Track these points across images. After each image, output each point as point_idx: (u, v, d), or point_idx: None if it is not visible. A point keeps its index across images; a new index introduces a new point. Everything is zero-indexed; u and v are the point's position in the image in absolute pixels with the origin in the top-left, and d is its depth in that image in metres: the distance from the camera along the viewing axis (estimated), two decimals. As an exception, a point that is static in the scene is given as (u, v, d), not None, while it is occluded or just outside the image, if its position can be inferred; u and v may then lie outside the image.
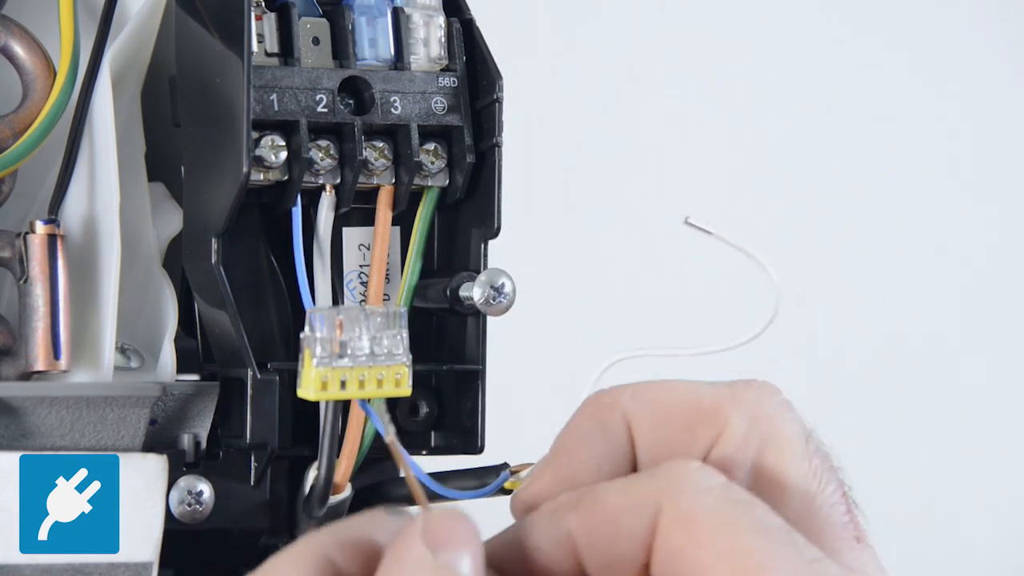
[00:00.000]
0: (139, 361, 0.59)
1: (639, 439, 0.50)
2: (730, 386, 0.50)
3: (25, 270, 0.57)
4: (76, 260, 0.58)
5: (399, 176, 0.57)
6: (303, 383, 0.49)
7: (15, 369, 0.57)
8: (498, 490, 0.54)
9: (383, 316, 0.49)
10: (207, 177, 0.56)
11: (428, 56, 0.57)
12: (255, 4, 0.55)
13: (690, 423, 0.50)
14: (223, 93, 0.55)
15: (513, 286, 0.56)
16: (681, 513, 0.45)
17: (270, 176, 0.55)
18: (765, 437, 0.49)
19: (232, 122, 0.54)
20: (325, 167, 0.56)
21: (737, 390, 0.50)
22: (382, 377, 0.49)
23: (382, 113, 0.56)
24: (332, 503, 0.54)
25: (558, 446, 0.51)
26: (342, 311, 0.49)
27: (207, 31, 0.56)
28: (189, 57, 0.58)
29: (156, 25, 0.60)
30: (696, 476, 0.46)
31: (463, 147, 0.57)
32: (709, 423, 0.50)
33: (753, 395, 0.50)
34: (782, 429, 0.49)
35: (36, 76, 0.59)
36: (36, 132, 0.57)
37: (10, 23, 0.59)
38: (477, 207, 0.58)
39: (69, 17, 0.58)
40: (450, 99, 0.57)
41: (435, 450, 0.58)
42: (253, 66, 0.54)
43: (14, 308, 0.58)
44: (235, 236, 0.56)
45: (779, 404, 0.50)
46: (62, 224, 0.58)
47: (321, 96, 0.56)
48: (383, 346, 0.49)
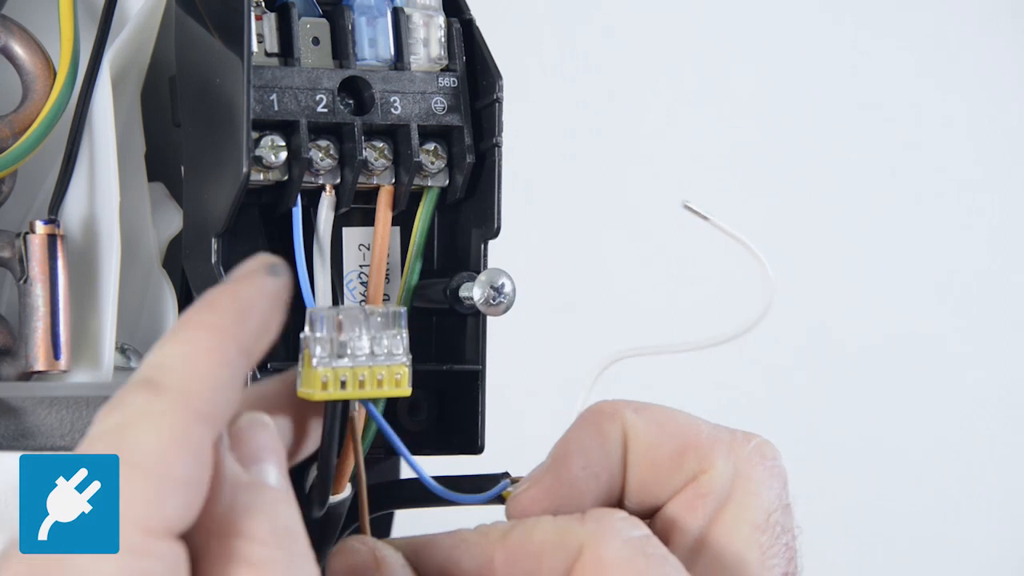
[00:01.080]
0: (139, 361, 0.59)
1: (631, 455, 0.51)
2: (731, 432, 0.52)
3: (25, 270, 0.57)
4: (76, 260, 0.58)
5: (399, 176, 0.57)
6: (303, 383, 0.49)
7: (15, 369, 0.57)
8: (495, 498, 0.54)
9: (383, 316, 0.50)
10: (207, 177, 0.56)
11: (428, 56, 0.57)
12: (255, 4, 0.55)
13: (682, 452, 0.52)
14: (223, 93, 0.55)
15: (513, 286, 0.56)
16: (599, 559, 0.47)
17: (270, 176, 0.55)
18: (735, 496, 0.51)
19: (232, 122, 0.54)
20: (325, 167, 0.56)
21: (736, 439, 0.52)
22: (382, 377, 0.49)
23: (382, 113, 0.56)
24: (332, 503, 0.54)
25: (557, 452, 0.52)
26: (342, 311, 0.49)
27: (207, 31, 0.56)
28: (189, 57, 0.58)
29: (156, 25, 0.60)
30: (620, 526, 0.48)
31: (463, 147, 0.57)
32: (698, 459, 0.52)
33: (747, 450, 0.52)
34: (754, 494, 0.51)
35: (36, 76, 0.59)
36: (36, 132, 0.57)
37: (10, 23, 0.59)
38: (477, 207, 0.58)
39: (69, 17, 0.58)
40: (450, 99, 0.57)
41: (435, 450, 0.58)
42: (253, 66, 0.54)
43: (14, 308, 0.58)
44: (235, 236, 0.56)
45: (767, 468, 0.51)
46: (62, 224, 0.58)
47: (321, 96, 0.56)
48: (383, 346, 0.50)
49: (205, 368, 0.42)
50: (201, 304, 0.43)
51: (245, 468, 0.43)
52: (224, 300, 0.43)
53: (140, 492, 0.40)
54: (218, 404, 0.42)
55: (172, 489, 0.40)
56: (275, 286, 0.44)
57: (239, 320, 0.43)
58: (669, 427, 0.52)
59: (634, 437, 0.52)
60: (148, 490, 0.40)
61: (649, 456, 0.52)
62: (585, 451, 0.52)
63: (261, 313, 0.43)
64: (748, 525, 0.51)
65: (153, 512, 0.40)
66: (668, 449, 0.52)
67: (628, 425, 0.52)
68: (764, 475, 0.51)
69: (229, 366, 0.42)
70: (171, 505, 0.40)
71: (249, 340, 0.43)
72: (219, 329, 0.42)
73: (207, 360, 0.42)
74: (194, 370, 0.42)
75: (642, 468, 0.52)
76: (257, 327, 0.43)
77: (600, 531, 0.47)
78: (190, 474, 0.40)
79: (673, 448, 0.52)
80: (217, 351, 0.42)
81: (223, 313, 0.43)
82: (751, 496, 0.51)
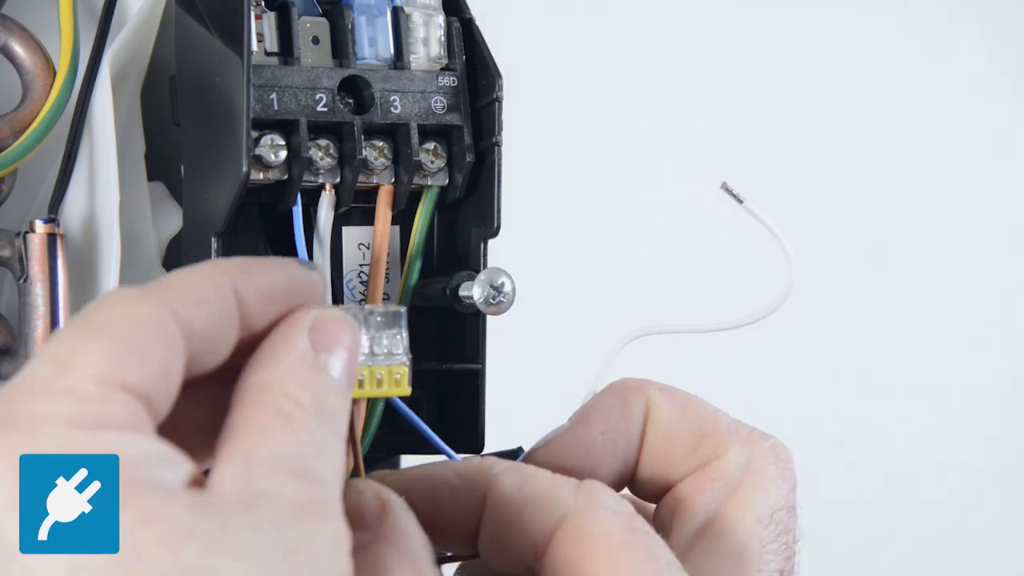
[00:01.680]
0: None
1: (650, 431, 0.52)
2: (749, 429, 0.53)
3: (25, 269, 0.57)
4: (76, 259, 0.58)
5: (399, 175, 0.57)
6: None
7: (15, 369, 0.57)
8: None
9: (383, 316, 0.50)
10: (207, 176, 0.56)
11: (428, 55, 0.57)
12: (255, 3, 0.55)
13: (699, 436, 0.53)
14: (223, 92, 0.55)
15: (513, 285, 0.56)
16: (585, 525, 0.47)
17: (270, 175, 0.55)
18: (744, 487, 0.52)
19: (232, 121, 0.54)
20: (325, 166, 0.56)
21: (754, 436, 0.53)
22: (382, 377, 0.49)
23: (382, 112, 0.56)
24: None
25: (579, 415, 0.53)
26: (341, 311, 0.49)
27: (207, 30, 0.56)
28: (189, 56, 0.58)
29: (156, 24, 0.60)
30: (609, 501, 0.48)
31: (463, 146, 0.57)
32: (713, 445, 0.52)
33: (762, 449, 0.53)
34: (762, 490, 0.52)
35: (36, 76, 0.59)
36: (36, 131, 0.57)
37: (10, 23, 0.59)
38: (477, 206, 0.58)
39: (69, 17, 0.58)
40: (450, 98, 0.57)
41: (434, 449, 0.58)
42: (253, 65, 0.54)
43: (14, 307, 0.58)
44: (235, 235, 0.56)
45: (779, 468, 0.52)
46: (62, 223, 0.58)
47: (321, 95, 0.56)
48: (383, 346, 0.50)
49: (193, 282, 0.43)
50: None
51: (315, 353, 0.44)
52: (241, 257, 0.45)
53: (94, 349, 0.40)
54: (196, 316, 0.42)
55: (129, 352, 0.41)
56: (300, 270, 0.45)
57: (243, 266, 0.44)
58: (690, 410, 0.53)
59: (655, 413, 0.53)
60: (103, 348, 0.41)
61: (667, 434, 0.53)
62: (607, 417, 0.53)
63: (268, 274, 0.44)
64: (752, 518, 0.51)
65: (106, 367, 0.40)
66: (686, 431, 0.53)
67: (651, 401, 0.53)
68: (775, 474, 0.52)
69: (217, 288, 0.43)
70: (127, 364, 0.41)
71: (247, 286, 0.44)
72: (219, 266, 0.44)
73: (198, 278, 0.43)
74: (179, 280, 0.43)
75: (658, 445, 0.53)
76: (261, 282, 0.44)
77: (589, 502, 0.48)
78: (149, 346, 0.41)
79: (691, 431, 0.53)
80: (209, 276, 0.43)
81: (233, 260, 0.44)
82: (759, 491, 0.52)
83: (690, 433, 0.53)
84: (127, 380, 0.41)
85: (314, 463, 0.42)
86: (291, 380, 0.43)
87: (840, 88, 1.24)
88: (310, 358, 0.44)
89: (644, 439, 0.53)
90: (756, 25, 1.23)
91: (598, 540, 0.47)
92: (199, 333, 0.43)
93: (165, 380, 0.42)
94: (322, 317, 0.45)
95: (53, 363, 0.41)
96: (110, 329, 0.41)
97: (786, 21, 1.23)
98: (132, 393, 0.41)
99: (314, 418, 0.43)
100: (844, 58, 1.25)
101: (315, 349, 0.44)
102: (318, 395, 0.43)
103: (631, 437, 0.53)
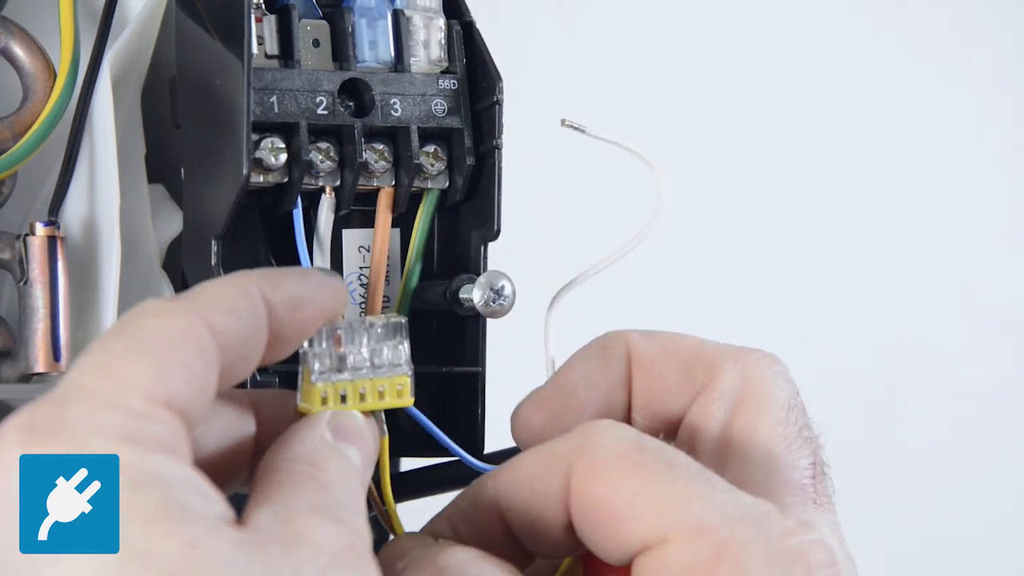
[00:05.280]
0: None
1: (636, 369, 0.52)
2: (737, 347, 0.52)
3: (25, 272, 0.57)
4: (76, 262, 0.58)
5: (399, 178, 0.57)
6: (303, 398, 0.49)
7: (15, 371, 0.57)
8: None
9: (383, 327, 0.49)
10: (207, 179, 0.56)
11: (428, 58, 0.57)
12: (255, 6, 0.55)
13: (689, 364, 0.52)
14: (223, 95, 0.55)
15: (513, 288, 0.56)
16: (593, 464, 0.47)
17: (270, 178, 0.55)
18: (749, 395, 0.51)
19: (232, 124, 0.54)
20: (325, 169, 0.56)
21: (741, 351, 0.52)
22: (383, 389, 0.49)
23: (382, 115, 0.56)
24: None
25: (560, 367, 0.53)
26: (340, 325, 0.49)
27: (207, 33, 0.56)
28: (189, 59, 0.58)
29: (156, 26, 0.60)
30: (606, 431, 0.48)
31: (463, 149, 0.57)
32: (705, 369, 0.52)
33: (753, 358, 0.52)
34: (767, 393, 0.51)
35: (36, 77, 0.59)
36: (36, 134, 0.57)
37: (10, 24, 0.59)
38: (477, 209, 0.58)
39: (69, 18, 0.58)
40: (450, 101, 0.57)
41: (434, 452, 0.58)
42: (253, 68, 0.54)
43: (14, 310, 0.58)
44: (235, 238, 0.56)
45: (774, 372, 0.52)
46: (62, 226, 0.58)
47: (321, 98, 0.56)
48: (384, 357, 0.49)
49: (223, 292, 0.44)
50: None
51: (335, 441, 0.46)
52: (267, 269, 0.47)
53: (140, 364, 0.41)
54: (228, 326, 0.43)
55: (173, 367, 0.42)
56: (324, 278, 0.47)
57: (271, 276, 0.45)
58: (672, 344, 0.53)
59: (638, 353, 0.53)
60: (148, 363, 0.41)
61: (656, 370, 0.52)
62: (585, 362, 0.53)
63: (296, 284, 0.46)
64: (767, 420, 0.50)
65: (153, 382, 0.41)
66: (674, 363, 0.52)
67: (632, 343, 0.53)
68: (774, 377, 0.51)
69: (247, 298, 0.44)
70: (171, 379, 0.42)
71: (275, 293, 0.45)
72: (247, 275, 0.45)
73: (228, 288, 0.44)
74: (211, 291, 0.44)
75: (649, 382, 0.52)
76: (289, 290, 0.46)
77: (586, 440, 0.47)
78: (190, 360, 0.42)
79: (679, 361, 0.52)
80: (240, 286, 0.44)
81: (258, 271, 0.46)
82: (765, 395, 0.51)
83: (679, 364, 0.52)
84: (170, 397, 0.41)
85: (349, 515, 0.43)
86: (317, 455, 0.45)
87: (839, 88, 1.24)
88: (330, 442, 0.46)
89: (632, 380, 0.52)
90: (756, 28, 1.23)
91: (614, 473, 0.46)
92: (231, 344, 0.44)
93: (202, 395, 0.43)
94: (338, 416, 0.47)
95: (102, 374, 0.41)
96: (154, 341, 0.42)
97: (787, 21, 1.23)
98: (174, 411, 0.42)
99: (341, 484, 0.44)
100: (841, 58, 1.25)
101: (335, 438, 0.46)
102: (343, 470, 0.45)
103: (613, 377, 0.52)
